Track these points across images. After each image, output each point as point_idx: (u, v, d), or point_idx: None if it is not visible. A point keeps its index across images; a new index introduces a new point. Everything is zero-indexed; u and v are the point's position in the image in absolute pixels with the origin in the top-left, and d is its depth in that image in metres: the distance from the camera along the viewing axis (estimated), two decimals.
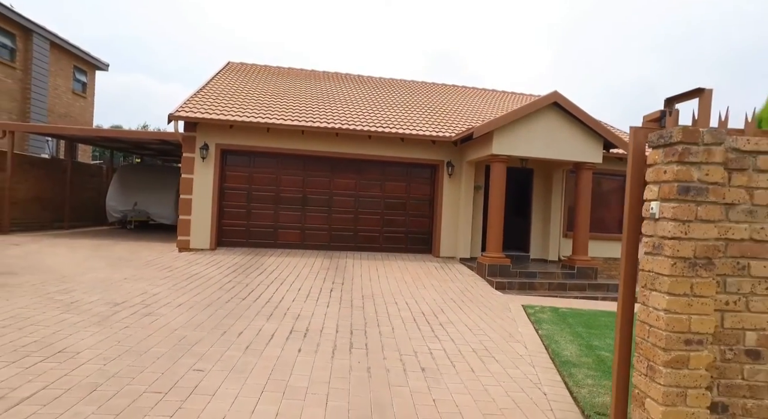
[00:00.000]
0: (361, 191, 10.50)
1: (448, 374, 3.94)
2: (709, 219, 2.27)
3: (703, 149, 2.27)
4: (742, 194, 2.32)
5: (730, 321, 2.33)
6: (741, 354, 2.33)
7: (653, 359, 2.33)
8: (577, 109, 9.16)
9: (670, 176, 2.30)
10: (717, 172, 2.27)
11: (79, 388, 3.16)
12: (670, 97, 2.67)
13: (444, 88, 14.88)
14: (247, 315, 5.23)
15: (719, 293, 2.32)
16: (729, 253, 2.33)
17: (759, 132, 2.36)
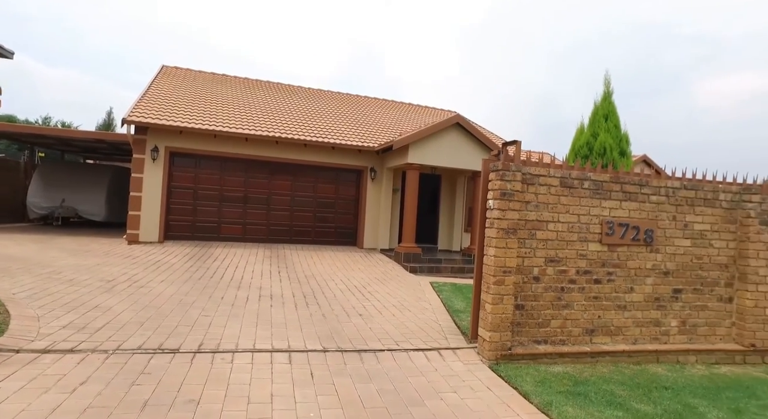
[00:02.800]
0: (297, 192, 12.10)
1: (377, 317, 5.84)
2: (515, 209, 4.43)
3: (512, 173, 4.42)
4: (532, 196, 4.51)
5: (525, 262, 4.51)
6: (530, 279, 4.52)
7: (488, 281, 4.43)
8: (474, 128, 11.60)
9: (497, 186, 4.42)
10: (518, 185, 4.43)
11: (132, 324, 4.59)
12: (504, 143, 4.82)
13: (368, 101, 16.88)
14: (221, 287, 6.71)
15: (520, 247, 4.48)
16: (526, 227, 4.51)
17: (539, 165, 4.58)
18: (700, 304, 5.16)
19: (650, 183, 5.06)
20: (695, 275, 5.16)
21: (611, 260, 4.88)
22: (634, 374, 4.46)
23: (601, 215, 4.84)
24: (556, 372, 4.30)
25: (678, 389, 4.14)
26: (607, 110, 7.15)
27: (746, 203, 5.22)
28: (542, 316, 4.63)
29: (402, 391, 3.61)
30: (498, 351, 4.40)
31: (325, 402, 3.29)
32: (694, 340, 5.12)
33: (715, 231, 5.22)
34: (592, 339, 4.80)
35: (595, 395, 3.81)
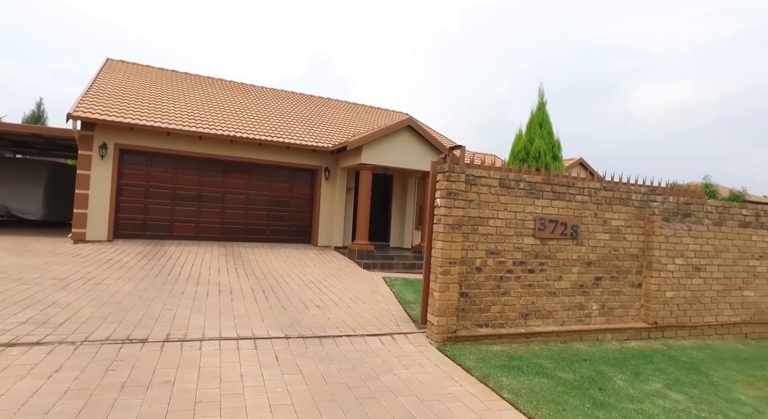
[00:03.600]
0: (252, 190, 12.20)
1: (334, 308, 6.23)
2: (460, 207, 4.97)
3: (457, 174, 4.96)
4: (474, 195, 5.08)
5: (469, 254, 5.07)
6: (473, 269, 5.09)
7: (436, 271, 4.95)
8: (425, 131, 12.21)
9: (443, 186, 4.95)
10: (463, 185, 4.98)
11: (95, 318, 4.70)
12: (450, 147, 5.35)
13: (322, 101, 17.14)
14: (180, 283, 6.83)
15: (464, 241, 5.03)
16: (469, 223, 5.06)
17: (481, 167, 5.16)
18: (616, 290, 5.96)
19: (576, 184, 5.78)
20: (612, 264, 5.95)
21: (543, 252, 5.54)
22: (561, 350, 5.14)
23: (534, 213, 5.49)
24: (495, 350, 4.89)
25: (594, 360, 4.85)
26: (541, 119, 7.92)
27: (652, 202, 6.08)
28: (484, 302, 5.21)
29: (359, 369, 4.04)
30: (445, 334, 4.93)
31: (291, 380, 3.65)
32: (611, 321, 5.91)
33: (628, 226, 6.04)
34: (527, 321, 5.45)
35: (526, 368, 4.41)
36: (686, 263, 6.24)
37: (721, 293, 6.47)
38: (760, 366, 5.23)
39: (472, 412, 3.37)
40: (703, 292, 6.35)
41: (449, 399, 3.57)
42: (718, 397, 4.11)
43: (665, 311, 6.04)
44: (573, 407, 3.56)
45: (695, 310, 6.31)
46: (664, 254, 6.03)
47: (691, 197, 6.50)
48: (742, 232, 6.63)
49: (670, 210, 6.17)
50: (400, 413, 3.24)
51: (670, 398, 3.98)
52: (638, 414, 3.57)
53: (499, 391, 3.77)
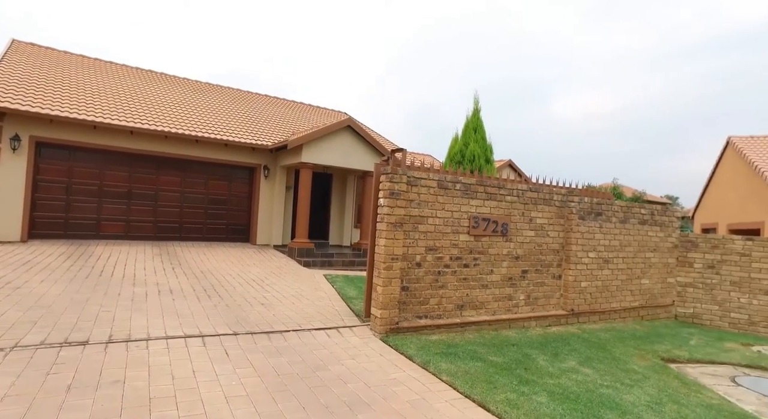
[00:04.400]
0: (187, 188, 11.81)
1: (279, 305, 6.33)
2: (401, 206, 5.31)
3: (399, 176, 5.29)
4: (415, 195, 5.44)
5: (410, 250, 5.42)
6: (413, 265, 5.45)
7: (379, 267, 5.25)
8: (365, 131, 12.49)
9: (386, 187, 5.26)
10: (404, 186, 5.32)
11: (22, 323, 4.47)
12: (393, 150, 5.67)
13: (261, 98, 16.85)
14: (114, 283, 6.57)
15: (405, 238, 5.38)
16: (410, 221, 5.42)
17: (421, 169, 5.53)
18: (540, 281, 6.62)
19: (506, 186, 6.34)
20: (537, 259, 6.59)
21: (477, 248, 6.04)
22: (492, 337, 5.64)
23: (469, 212, 5.96)
24: (434, 339, 5.28)
25: (521, 345, 5.40)
26: (476, 124, 8.51)
27: (570, 202, 6.82)
28: (423, 295, 5.59)
29: (309, 361, 4.23)
30: (387, 325, 5.24)
31: (243, 373, 3.78)
32: (535, 309, 6.55)
33: (551, 224, 6.72)
34: (462, 312, 5.91)
35: (462, 354, 4.83)
36: (598, 256, 7.06)
37: (624, 282, 7.39)
38: (650, 342, 6.10)
39: (415, 394, 3.70)
40: (610, 281, 7.22)
41: (394, 383, 3.88)
42: (618, 369, 4.80)
43: (580, 299, 6.81)
44: (503, 385, 4.01)
45: (604, 297, 7.15)
46: (580, 249, 6.78)
47: (602, 198, 7.35)
48: (641, 228, 7.61)
49: (585, 210, 6.95)
50: (350, 398, 3.50)
51: (582, 372, 4.58)
52: (556, 387, 4.09)
53: (439, 375, 4.14)
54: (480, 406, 3.55)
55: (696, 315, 8.04)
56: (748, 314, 7.75)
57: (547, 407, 3.59)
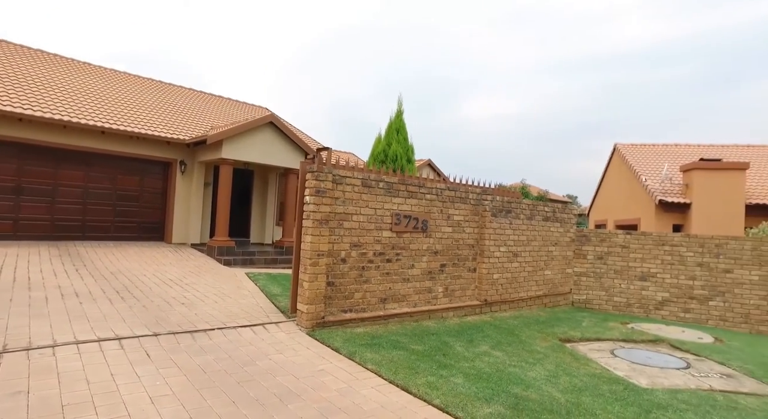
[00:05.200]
0: (92, 183, 10.89)
1: (201, 304, 6.16)
2: (327, 204, 5.45)
3: (325, 174, 5.42)
4: (340, 193, 5.61)
5: (335, 247, 5.58)
6: (339, 260, 5.62)
7: (305, 263, 5.35)
8: (287, 128, 12.37)
9: (312, 185, 5.37)
10: (330, 184, 5.46)
11: None
12: (318, 148, 5.78)
13: (177, 90, 15.91)
14: (4, 288, 5.95)
15: (331, 235, 5.53)
16: (335, 218, 5.58)
17: (346, 168, 5.71)
18: (457, 274, 7.11)
19: (426, 185, 6.73)
20: (454, 253, 7.07)
21: (399, 244, 6.35)
22: (414, 328, 5.99)
23: (391, 209, 6.25)
24: (359, 332, 5.50)
25: (440, 334, 5.80)
26: (398, 125, 8.87)
27: (484, 200, 7.40)
28: (348, 290, 5.78)
29: (236, 358, 4.23)
30: (314, 320, 5.36)
31: (168, 372, 3.70)
32: (453, 301, 7.03)
33: (467, 221, 7.24)
34: (385, 305, 6.19)
35: (386, 344, 5.10)
36: (508, 250, 7.73)
37: (531, 273, 8.17)
38: (551, 326, 6.86)
39: (343, 382, 3.88)
40: (519, 273, 7.95)
41: (322, 374, 4.03)
42: (524, 350, 5.37)
43: (493, 290, 7.42)
44: (423, 370, 4.33)
45: (513, 288, 7.86)
46: (493, 244, 7.39)
47: (512, 197, 8.06)
48: (545, 224, 8.46)
49: (497, 207, 7.58)
50: (279, 389, 3.59)
51: (494, 355, 5.06)
52: (471, 369, 4.50)
53: (364, 364, 4.35)
54: (403, 390, 3.82)
55: (588, 301, 9.10)
56: (626, 297, 8.96)
57: (463, 387, 3.96)
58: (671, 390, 4.44)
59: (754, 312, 8.49)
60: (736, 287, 8.57)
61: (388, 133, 8.92)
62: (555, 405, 3.72)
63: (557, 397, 3.90)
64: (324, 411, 3.29)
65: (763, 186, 15.17)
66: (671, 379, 4.81)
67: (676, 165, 15.98)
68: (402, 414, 3.35)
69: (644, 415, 3.67)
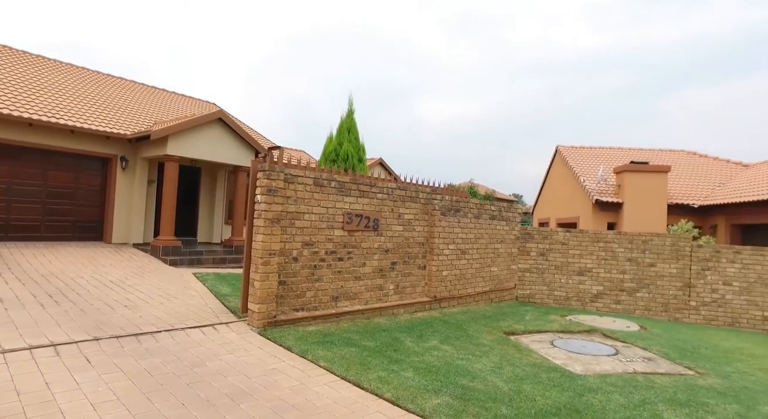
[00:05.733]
0: (17, 180, 10.13)
1: (146, 306, 5.94)
2: (279, 203, 5.43)
3: (276, 173, 5.40)
4: (292, 192, 5.60)
5: (287, 246, 5.57)
6: (290, 259, 5.61)
7: (256, 263, 5.31)
8: (236, 125, 12.08)
9: (264, 183, 5.33)
10: (281, 183, 5.45)
11: None
12: (270, 147, 5.74)
13: (117, 81, 15.07)
14: None
15: (283, 234, 5.52)
16: (287, 217, 5.57)
17: (298, 167, 5.71)
18: (408, 272, 7.28)
19: (377, 184, 6.84)
20: (405, 251, 7.24)
21: (350, 242, 6.42)
22: (365, 325, 6.09)
23: (343, 208, 6.31)
24: (311, 330, 5.52)
25: (391, 330, 5.94)
26: (350, 125, 8.92)
27: (434, 200, 7.63)
28: (300, 289, 5.78)
29: (185, 359, 4.14)
30: (265, 319, 5.33)
31: (112, 378, 3.57)
32: (404, 297, 7.19)
33: (417, 220, 7.42)
34: (337, 303, 6.24)
35: (338, 341, 5.16)
36: (456, 248, 8.01)
37: (478, 270, 8.51)
38: (497, 320, 7.20)
39: (295, 380, 3.91)
40: (467, 270, 8.25)
41: (274, 373, 4.03)
42: (471, 344, 5.61)
43: (442, 287, 7.67)
44: (375, 365, 4.43)
45: (461, 284, 8.15)
46: (442, 242, 7.64)
47: (461, 196, 8.34)
48: (491, 223, 8.83)
49: (446, 206, 7.82)
50: (231, 390, 3.56)
51: (442, 349, 5.26)
52: (421, 363, 4.66)
53: (317, 362, 4.40)
54: (355, 385, 3.90)
55: (531, 295, 9.60)
56: (566, 291, 9.54)
57: (413, 380, 4.10)
58: (602, 375, 4.82)
59: (672, 302, 9.31)
60: (659, 279, 9.36)
61: (340, 132, 8.95)
62: (499, 393, 3.94)
63: (501, 386, 4.13)
64: (277, 409, 3.31)
65: (682, 187, 16.58)
66: (602, 365, 5.21)
67: (611, 167, 17.10)
68: (354, 409, 3.44)
69: (577, 398, 3.98)
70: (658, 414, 3.77)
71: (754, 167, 17.39)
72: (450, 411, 3.46)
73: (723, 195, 15.10)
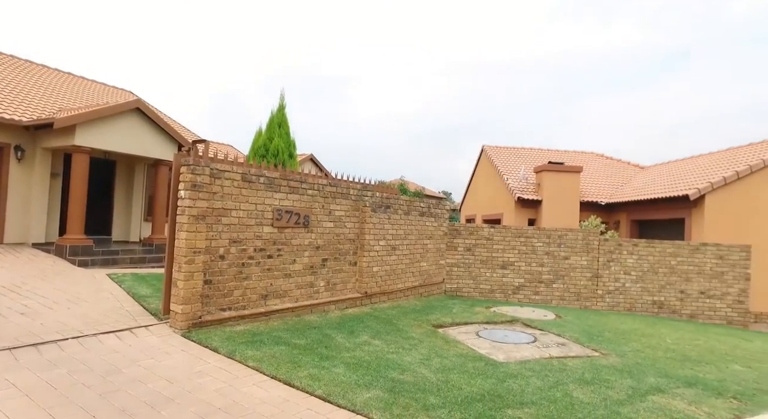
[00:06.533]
0: None
1: (48, 313, 5.40)
2: (204, 199, 5.19)
3: (202, 168, 5.14)
4: (218, 188, 5.37)
5: (213, 243, 5.34)
6: (217, 257, 5.39)
7: (180, 261, 5.03)
8: (157, 116, 11.32)
9: (188, 178, 5.06)
10: (207, 178, 5.20)
11: None
12: (194, 140, 5.46)
13: (10, 61, 13.45)
14: None
15: (208, 231, 5.28)
16: (213, 214, 5.33)
17: (225, 162, 5.49)
18: (339, 268, 7.27)
19: (308, 180, 6.75)
20: (336, 248, 7.22)
21: (280, 239, 6.29)
22: (296, 323, 6.00)
23: (273, 205, 6.16)
24: (239, 330, 5.34)
25: (322, 327, 5.91)
26: (280, 120, 8.71)
27: (365, 196, 7.68)
28: (227, 288, 5.57)
29: (97, 368, 3.83)
30: (189, 320, 5.07)
31: (5, 395, 3.20)
32: (335, 294, 7.18)
33: (348, 216, 7.43)
34: (267, 302, 6.09)
35: (267, 340, 5.04)
36: (387, 244, 8.13)
37: (408, 265, 8.71)
38: (426, 314, 7.44)
39: (222, 382, 3.77)
40: (397, 265, 8.41)
41: (199, 376, 3.86)
42: (401, 337, 5.75)
43: (372, 283, 7.75)
44: (306, 363, 4.39)
45: (392, 280, 8.29)
46: (373, 238, 7.71)
47: (391, 193, 8.48)
48: (421, 219, 9.08)
49: (377, 203, 7.91)
50: (151, 397, 3.35)
51: (373, 344, 5.33)
52: (352, 358, 4.69)
53: (245, 362, 4.27)
54: (286, 384, 3.85)
55: (459, 289, 10.00)
56: (491, 284, 10.06)
57: (344, 376, 4.12)
58: (522, 361, 5.16)
59: (583, 291, 10.18)
60: (572, 271, 10.17)
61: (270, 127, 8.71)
62: (428, 384, 4.08)
63: (430, 377, 4.27)
64: (202, 413, 3.18)
65: (592, 186, 18.13)
66: (522, 352, 5.57)
67: (532, 166, 18.25)
68: (284, 408, 3.39)
69: (500, 384, 4.23)
70: (569, 393, 4.12)
71: (648, 169, 19.43)
72: (381, 404, 3.52)
73: (624, 194, 16.72)
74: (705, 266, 10.23)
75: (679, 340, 6.99)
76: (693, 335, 7.61)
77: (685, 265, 10.22)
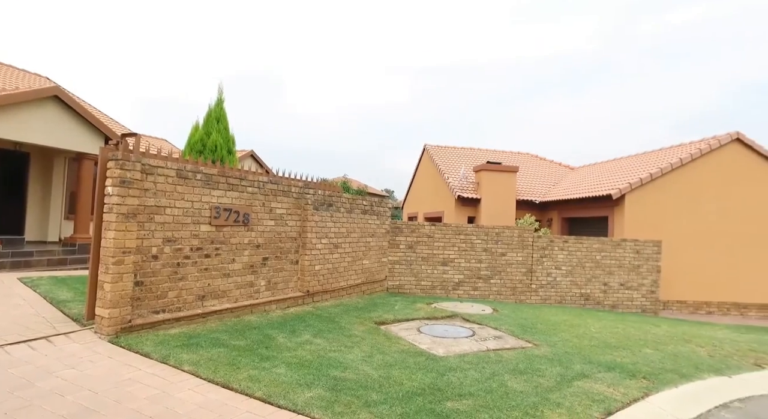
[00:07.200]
0: None
1: None
2: (135, 195, 4.88)
3: (132, 163, 4.84)
4: (151, 184, 5.08)
5: (145, 243, 5.05)
6: (149, 257, 5.10)
7: (107, 262, 4.71)
8: (80, 105, 10.50)
9: (116, 174, 4.74)
10: (138, 174, 4.91)
11: None
12: (124, 134, 5.11)
13: None
14: None
15: (140, 230, 4.98)
16: (145, 211, 5.03)
17: (158, 157, 5.20)
18: (280, 267, 7.13)
19: (248, 177, 6.56)
20: (277, 246, 7.07)
21: (218, 238, 6.06)
22: (235, 323, 5.81)
23: (210, 202, 5.92)
24: (174, 333, 5.09)
25: (262, 327, 5.77)
26: (219, 114, 8.37)
27: (306, 194, 7.59)
28: (161, 289, 5.28)
29: (4, 383, 3.48)
30: (118, 325, 4.76)
31: None
32: (276, 293, 7.03)
33: (289, 214, 7.30)
34: (204, 303, 5.85)
35: (204, 342, 4.85)
36: (329, 242, 8.08)
37: (350, 263, 8.71)
38: (368, 311, 7.49)
39: (155, 389, 3.57)
40: (339, 263, 8.39)
41: (128, 384, 3.63)
42: (343, 335, 5.75)
43: (315, 281, 7.68)
44: (245, 364, 4.27)
45: (334, 278, 8.26)
46: (315, 236, 7.64)
47: (333, 191, 8.43)
48: (363, 217, 9.11)
49: (319, 201, 7.84)
50: (71, 409, 3.11)
51: (316, 343, 5.29)
52: (293, 358, 4.62)
53: (180, 366, 4.08)
54: (224, 387, 3.72)
55: (401, 286, 10.16)
56: (431, 281, 10.31)
57: (285, 376, 4.05)
58: (461, 354, 5.34)
59: (518, 286, 10.71)
60: (508, 266, 10.67)
61: (208, 122, 8.35)
62: (369, 381, 4.11)
63: (371, 374, 4.31)
64: None
65: (527, 185, 19.09)
66: (461, 346, 5.77)
67: (472, 166, 18.87)
68: (222, 412, 3.28)
69: (440, 378, 4.35)
70: (504, 383, 4.32)
71: (577, 170, 20.78)
72: (322, 403, 3.51)
73: (555, 193, 17.76)
74: (624, 260, 11.12)
75: (602, 329, 7.54)
76: (613, 323, 8.24)
77: (608, 259, 11.05)
